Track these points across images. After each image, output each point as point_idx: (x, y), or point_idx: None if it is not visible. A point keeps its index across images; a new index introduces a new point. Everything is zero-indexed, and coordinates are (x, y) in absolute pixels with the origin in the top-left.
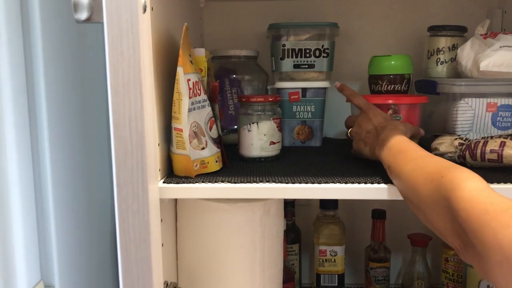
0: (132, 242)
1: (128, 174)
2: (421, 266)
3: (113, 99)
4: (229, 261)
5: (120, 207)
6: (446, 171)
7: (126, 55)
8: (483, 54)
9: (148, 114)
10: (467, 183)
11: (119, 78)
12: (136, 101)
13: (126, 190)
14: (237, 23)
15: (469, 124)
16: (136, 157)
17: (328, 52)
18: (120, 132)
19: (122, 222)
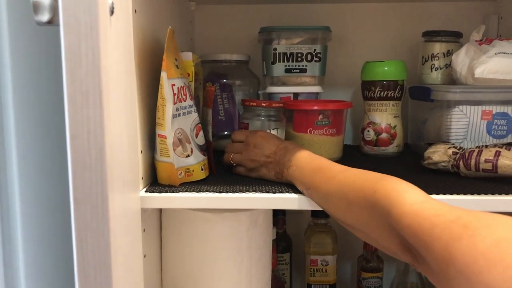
0: (91, 265)
1: (87, 189)
2: (415, 276)
3: (70, 109)
4: (215, 273)
5: (78, 226)
6: (377, 185)
7: (85, 62)
8: (478, 60)
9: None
10: (405, 197)
11: (77, 87)
12: (95, 111)
13: (84, 207)
14: (229, 27)
15: (463, 132)
16: (95, 172)
17: (321, 57)
18: (78, 145)
19: (80, 242)
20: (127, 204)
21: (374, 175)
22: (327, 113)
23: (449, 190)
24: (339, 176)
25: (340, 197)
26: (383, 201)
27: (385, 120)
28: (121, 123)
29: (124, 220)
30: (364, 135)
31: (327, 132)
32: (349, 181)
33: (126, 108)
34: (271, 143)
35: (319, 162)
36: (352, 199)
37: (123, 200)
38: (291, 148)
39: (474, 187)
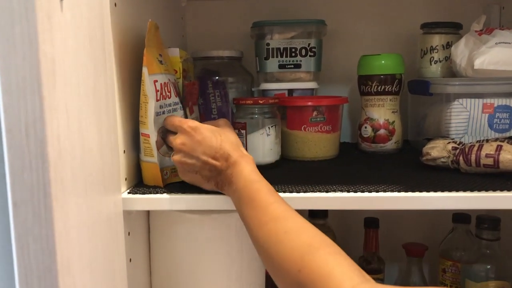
0: (34, 272)
1: (27, 190)
2: (417, 278)
3: (5, 100)
4: (203, 276)
5: (18, 232)
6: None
7: (20, 48)
8: (478, 51)
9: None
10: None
11: (12, 75)
12: (34, 102)
13: (25, 210)
14: (221, 23)
15: (464, 127)
16: (36, 170)
17: (315, 51)
18: (15, 140)
19: (21, 249)
20: (102, 206)
21: (304, 241)
22: (322, 109)
23: (448, 188)
24: (270, 225)
25: (266, 255)
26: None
27: (383, 116)
28: (84, 119)
29: (95, 223)
30: (361, 132)
31: (322, 129)
32: (277, 240)
33: (96, 104)
34: (208, 145)
35: (257, 189)
36: (276, 266)
37: (88, 203)
38: (233, 158)
39: (475, 183)
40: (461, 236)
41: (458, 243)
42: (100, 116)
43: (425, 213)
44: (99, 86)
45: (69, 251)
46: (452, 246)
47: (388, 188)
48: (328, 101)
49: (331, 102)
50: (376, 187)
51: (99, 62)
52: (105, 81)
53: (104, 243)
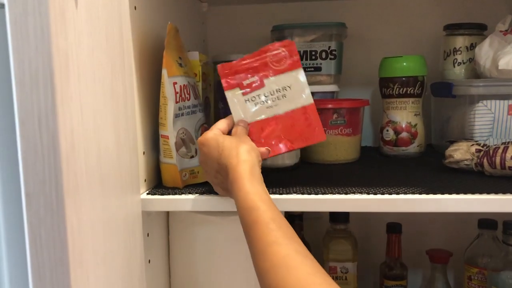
0: (46, 264)
1: (39, 181)
2: (442, 285)
3: (19, 92)
4: (221, 279)
5: (30, 222)
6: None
7: (33, 39)
8: (503, 51)
9: (75, 113)
10: None
11: (25, 68)
12: (46, 94)
13: (37, 201)
14: (242, 27)
15: (488, 129)
16: (48, 161)
17: (336, 54)
18: (28, 132)
19: (33, 240)
20: (118, 206)
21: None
22: (342, 111)
23: (471, 190)
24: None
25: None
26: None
27: (405, 119)
28: (100, 118)
29: (116, 225)
30: (383, 135)
31: (343, 132)
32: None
33: (113, 104)
34: (210, 160)
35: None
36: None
37: (103, 201)
38: (230, 172)
39: (500, 186)
40: (487, 242)
41: (484, 250)
42: (118, 116)
43: (449, 218)
44: (117, 86)
45: (82, 245)
46: (478, 252)
47: (409, 190)
48: (348, 104)
49: (351, 105)
50: (397, 189)
51: (117, 63)
52: (124, 82)
53: (121, 242)
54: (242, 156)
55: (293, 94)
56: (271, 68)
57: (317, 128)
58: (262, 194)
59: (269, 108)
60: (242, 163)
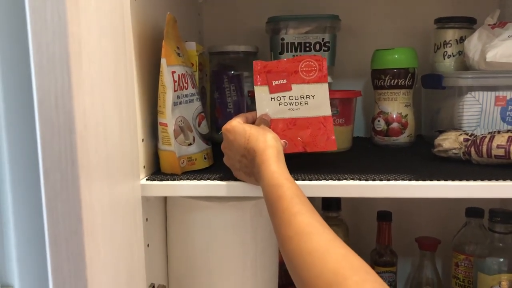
0: (62, 235)
1: (56, 157)
2: (430, 271)
3: (37, 75)
4: (218, 263)
5: (48, 195)
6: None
7: (50, 24)
8: (490, 44)
9: (87, 96)
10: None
11: (43, 51)
12: (63, 76)
13: (54, 176)
14: (236, 19)
15: (476, 119)
16: (64, 139)
17: (329, 46)
18: (46, 111)
19: (50, 212)
20: (121, 190)
21: (330, 268)
22: (335, 102)
23: (459, 177)
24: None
25: (294, 271)
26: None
27: (396, 109)
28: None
29: (114, 206)
30: (374, 125)
31: (336, 122)
32: (303, 261)
33: (116, 91)
34: (237, 144)
35: (280, 195)
36: (304, 285)
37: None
38: (258, 154)
39: (487, 173)
40: (474, 230)
41: (471, 237)
42: (121, 103)
43: (438, 207)
44: (119, 74)
45: (93, 219)
46: (465, 240)
47: (399, 177)
48: (341, 94)
49: (344, 95)
50: (388, 176)
51: (119, 52)
52: (125, 70)
53: (124, 224)
54: (269, 142)
55: (315, 103)
56: (301, 76)
57: (331, 138)
58: (287, 174)
59: (291, 111)
60: (270, 148)
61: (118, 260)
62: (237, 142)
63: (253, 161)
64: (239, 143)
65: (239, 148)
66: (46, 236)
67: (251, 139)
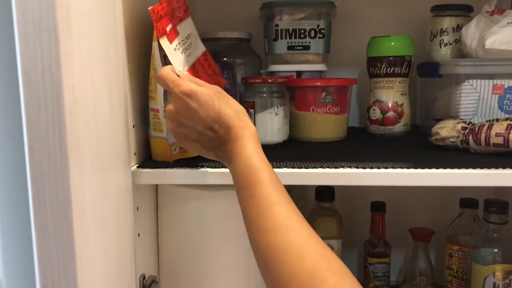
0: (49, 218)
1: (43, 134)
2: (423, 262)
3: (22, 43)
4: (211, 253)
5: (34, 175)
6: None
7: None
8: (489, 31)
9: (76, 70)
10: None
11: (28, 17)
12: (50, 44)
13: (40, 154)
14: (230, 5)
15: (473, 108)
16: (52, 113)
17: (324, 33)
18: (31, 83)
19: (37, 193)
20: (112, 176)
21: (306, 269)
22: (330, 90)
23: (457, 165)
24: (269, 236)
25: (265, 270)
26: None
27: (391, 98)
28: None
29: (105, 192)
30: (370, 114)
31: (331, 110)
32: (277, 259)
33: (106, 71)
34: (204, 113)
35: (258, 179)
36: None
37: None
38: (233, 130)
39: (485, 162)
40: (468, 221)
41: (465, 228)
42: (111, 84)
43: (432, 198)
44: (110, 54)
45: (83, 203)
46: (459, 231)
47: (397, 165)
48: (336, 82)
49: (339, 83)
50: (385, 164)
51: (109, 31)
52: (116, 52)
53: (114, 211)
54: (245, 119)
55: (195, 41)
56: (177, 15)
57: (218, 73)
58: (265, 158)
59: (189, 56)
60: (247, 127)
61: (108, 248)
62: (204, 111)
63: (225, 138)
64: (206, 114)
65: (205, 119)
66: (32, 220)
67: (222, 112)
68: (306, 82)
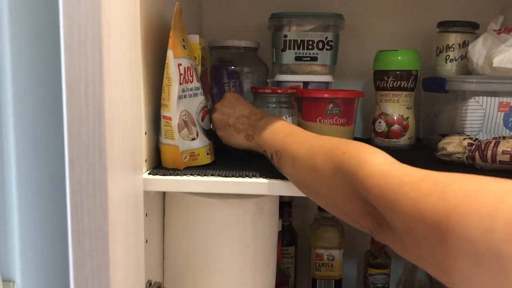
0: (86, 230)
1: (83, 148)
2: (423, 274)
3: (67, 58)
4: (218, 261)
5: (73, 188)
6: (347, 146)
7: (84, 4)
8: (497, 49)
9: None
10: (374, 158)
11: (74, 33)
12: (94, 61)
13: (80, 167)
14: (238, 13)
15: (479, 124)
16: (93, 128)
17: (332, 45)
18: (74, 98)
19: (74, 206)
20: (128, 185)
21: (346, 140)
22: (338, 101)
23: None
24: (311, 140)
25: (308, 158)
26: (350, 161)
27: (397, 111)
28: (126, 92)
29: (125, 201)
30: (375, 127)
31: (337, 122)
32: (320, 144)
33: (131, 80)
34: (242, 105)
35: (294, 128)
36: (320, 161)
37: (123, 177)
38: (267, 115)
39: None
40: None
41: None
42: (133, 95)
43: None
44: (132, 63)
45: (116, 214)
46: None
47: None
48: (344, 94)
49: (347, 95)
50: None
51: (133, 42)
52: (135, 61)
53: (132, 222)
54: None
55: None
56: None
57: (207, 92)
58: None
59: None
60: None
61: (128, 256)
62: (242, 104)
63: (260, 118)
64: (244, 105)
65: (244, 108)
66: (69, 232)
67: (256, 110)
68: (314, 93)
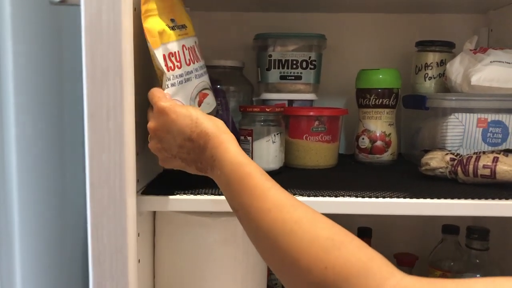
0: (106, 252)
1: (104, 172)
2: None
3: (89, 86)
4: (208, 278)
5: (94, 210)
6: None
7: (106, 36)
8: (474, 68)
9: (129, 104)
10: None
11: (97, 62)
12: (115, 88)
13: (101, 191)
14: (223, 34)
15: (459, 140)
16: (114, 153)
17: (315, 64)
18: (96, 123)
19: (95, 228)
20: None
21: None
22: (323, 119)
23: (447, 195)
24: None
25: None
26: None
27: (379, 128)
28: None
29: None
30: (358, 143)
31: (323, 139)
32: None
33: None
34: (180, 124)
35: (248, 173)
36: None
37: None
38: (212, 137)
39: (473, 192)
40: (450, 246)
41: (447, 254)
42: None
43: (415, 224)
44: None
45: (132, 235)
46: (442, 256)
47: (394, 195)
48: (329, 112)
49: (332, 113)
50: (377, 194)
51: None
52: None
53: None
54: (222, 127)
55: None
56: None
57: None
58: (249, 157)
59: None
60: (225, 132)
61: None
62: (180, 123)
63: (204, 146)
64: (183, 125)
65: (183, 131)
66: (90, 254)
67: (200, 121)
68: (300, 111)
